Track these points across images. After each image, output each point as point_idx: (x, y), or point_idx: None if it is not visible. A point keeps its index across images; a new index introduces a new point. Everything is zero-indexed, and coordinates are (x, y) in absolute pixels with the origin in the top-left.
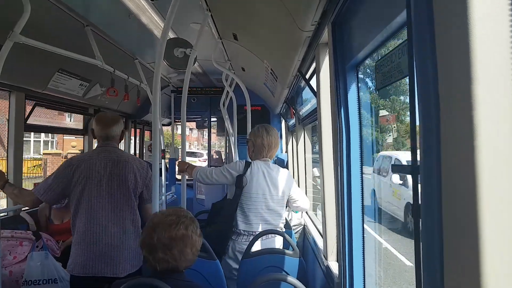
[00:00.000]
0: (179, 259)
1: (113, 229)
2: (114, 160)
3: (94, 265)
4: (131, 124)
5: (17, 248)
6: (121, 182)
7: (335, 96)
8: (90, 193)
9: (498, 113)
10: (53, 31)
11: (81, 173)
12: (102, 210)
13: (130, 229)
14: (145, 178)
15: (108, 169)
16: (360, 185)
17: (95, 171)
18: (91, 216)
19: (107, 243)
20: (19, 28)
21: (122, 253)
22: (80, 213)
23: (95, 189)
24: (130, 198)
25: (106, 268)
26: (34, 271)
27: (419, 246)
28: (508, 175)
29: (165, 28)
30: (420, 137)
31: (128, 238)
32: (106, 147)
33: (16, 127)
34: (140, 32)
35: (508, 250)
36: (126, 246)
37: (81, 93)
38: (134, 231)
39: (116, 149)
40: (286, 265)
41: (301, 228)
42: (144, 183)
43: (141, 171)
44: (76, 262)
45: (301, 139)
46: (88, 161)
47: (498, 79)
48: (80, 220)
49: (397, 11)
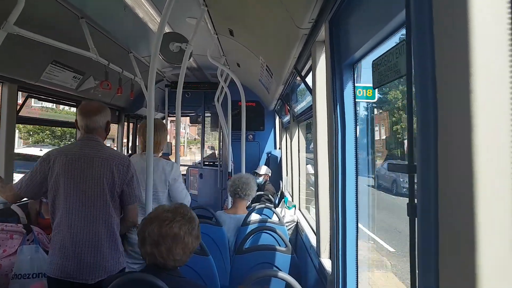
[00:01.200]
0: (166, 257)
1: (84, 230)
2: (92, 156)
3: (64, 268)
4: (124, 118)
5: (7, 241)
6: (97, 180)
7: (331, 94)
8: (66, 190)
9: (496, 112)
10: (48, 22)
11: (58, 168)
12: (75, 209)
13: (102, 231)
14: (125, 176)
15: (86, 165)
16: (355, 183)
17: (72, 166)
18: (64, 214)
19: (77, 245)
20: (13, 18)
21: (94, 257)
22: (56, 209)
23: (71, 186)
24: (105, 198)
25: (75, 273)
26: (24, 265)
27: (415, 244)
28: (504, 174)
29: (162, 22)
30: (416, 137)
31: (100, 240)
32: (88, 141)
33: (8, 119)
34: (136, 26)
35: (503, 249)
36: (98, 249)
37: (74, 86)
38: (107, 233)
39: (98, 143)
40: (278, 262)
41: (294, 224)
42: (123, 181)
43: (121, 169)
44: (51, 261)
45: (295, 136)
46: (66, 155)
47: (496, 78)
48: (56, 217)
49: (395, 11)
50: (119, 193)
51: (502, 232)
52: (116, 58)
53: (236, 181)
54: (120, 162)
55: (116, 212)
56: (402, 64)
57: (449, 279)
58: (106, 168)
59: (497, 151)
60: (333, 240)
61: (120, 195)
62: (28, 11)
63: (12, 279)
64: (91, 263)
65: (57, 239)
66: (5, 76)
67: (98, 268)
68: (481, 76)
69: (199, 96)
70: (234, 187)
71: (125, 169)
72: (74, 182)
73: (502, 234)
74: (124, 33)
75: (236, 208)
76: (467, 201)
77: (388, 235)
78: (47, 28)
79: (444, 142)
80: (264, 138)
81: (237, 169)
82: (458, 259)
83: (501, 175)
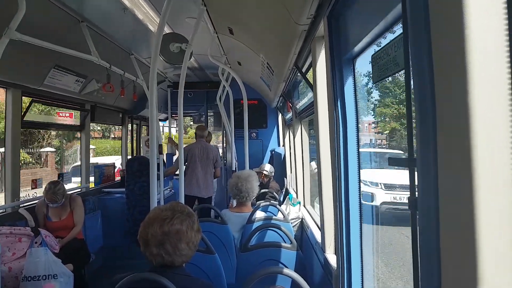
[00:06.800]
0: (173, 254)
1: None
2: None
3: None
4: (127, 120)
5: (16, 244)
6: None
7: (331, 89)
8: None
9: (494, 106)
10: (49, 27)
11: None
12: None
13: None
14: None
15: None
16: (358, 178)
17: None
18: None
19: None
20: (14, 24)
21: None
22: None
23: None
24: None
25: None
26: (34, 267)
27: (416, 237)
28: (503, 165)
29: (161, 23)
30: (416, 130)
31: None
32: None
33: (13, 124)
34: (136, 27)
35: (503, 240)
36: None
37: (77, 89)
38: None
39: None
40: (284, 258)
41: (299, 221)
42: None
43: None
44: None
45: (298, 133)
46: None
47: (494, 72)
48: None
49: (393, 4)
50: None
51: (502, 223)
52: (118, 60)
53: (235, 185)
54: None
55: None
56: (401, 58)
57: (451, 270)
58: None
59: (496, 143)
60: (337, 235)
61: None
62: (29, 17)
63: (22, 281)
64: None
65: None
66: (9, 81)
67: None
68: (478, 68)
69: (201, 96)
70: (235, 191)
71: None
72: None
73: (502, 225)
74: (124, 35)
75: (241, 206)
76: (467, 193)
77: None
78: (49, 33)
79: (443, 135)
80: (267, 136)
81: (241, 167)
82: (459, 251)
83: (501, 167)
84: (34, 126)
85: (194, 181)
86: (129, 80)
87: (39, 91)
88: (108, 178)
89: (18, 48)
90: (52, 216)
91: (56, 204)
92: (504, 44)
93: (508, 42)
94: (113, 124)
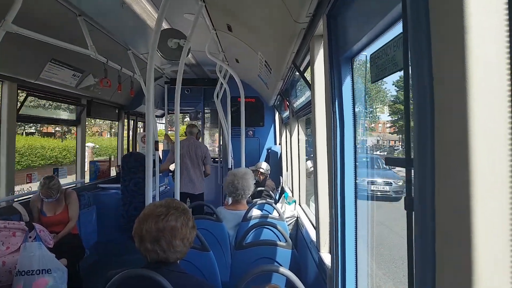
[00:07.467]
0: (168, 251)
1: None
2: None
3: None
4: (124, 115)
5: (10, 238)
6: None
7: (329, 88)
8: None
9: (492, 106)
10: (46, 20)
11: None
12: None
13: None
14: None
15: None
16: (354, 178)
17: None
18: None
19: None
20: (11, 17)
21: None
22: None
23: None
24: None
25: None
26: (27, 262)
27: (412, 237)
28: (500, 166)
29: (159, 18)
30: (414, 130)
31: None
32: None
33: (9, 117)
34: (133, 23)
35: (500, 240)
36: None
37: (74, 84)
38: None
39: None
40: (279, 257)
41: (294, 220)
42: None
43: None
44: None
45: (295, 131)
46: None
47: (493, 73)
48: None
49: (392, 4)
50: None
51: (499, 224)
52: (115, 55)
53: (231, 182)
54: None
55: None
56: (400, 58)
57: (446, 270)
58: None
59: (494, 143)
60: (332, 234)
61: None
62: (25, 9)
63: (16, 276)
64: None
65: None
66: (5, 74)
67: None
68: (477, 68)
69: (198, 93)
70: (231, 189)
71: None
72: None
73: (498, 226)
74: (122, 30)
75: (237, 204)
76: (464, 193)
77: None
78: (45, 26)
79: (441, 136)
80: (264, 134)
81: (237, 165)
82: (455, 251)
83: (498, 168)
84: (30, 120)
85: (184, 178)
86: (126, 75)
87: (35, 85)
88: (103, 173)
89: (14, 41)
90: (46, 211)
91: (51, 199)
92: (504, 44)
93: (508, 42)
94: (109, 119)
